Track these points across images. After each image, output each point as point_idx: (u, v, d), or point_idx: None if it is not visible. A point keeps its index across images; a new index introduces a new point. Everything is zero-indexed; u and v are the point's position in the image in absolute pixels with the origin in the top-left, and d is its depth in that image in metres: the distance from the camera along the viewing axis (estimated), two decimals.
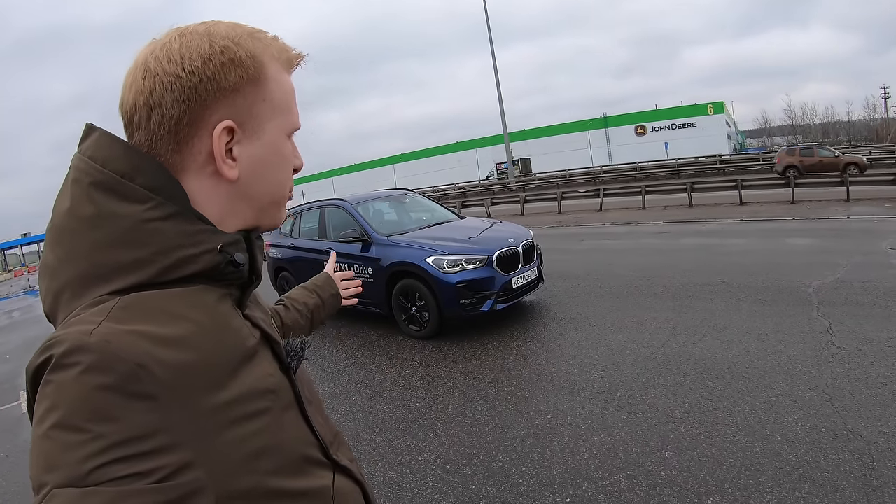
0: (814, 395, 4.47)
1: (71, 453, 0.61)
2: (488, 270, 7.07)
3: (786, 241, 11.49)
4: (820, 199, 18.02)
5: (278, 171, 0.92)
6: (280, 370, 0.92)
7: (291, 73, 0.94)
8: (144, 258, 0.78)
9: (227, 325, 0.84)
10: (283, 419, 0.86)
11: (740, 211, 17.43)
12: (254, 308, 0.97)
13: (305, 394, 0.98)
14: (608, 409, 4.70)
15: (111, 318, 0.70)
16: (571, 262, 11.34)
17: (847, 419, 4.06)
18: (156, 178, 0.80)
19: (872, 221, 13.20)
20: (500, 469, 4.05)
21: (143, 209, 0.78)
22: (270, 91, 0.87)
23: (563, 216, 22.76)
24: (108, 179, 0.79)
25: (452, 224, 8.80)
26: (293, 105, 0.93)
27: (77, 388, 0.63)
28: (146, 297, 0.76)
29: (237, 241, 0.87)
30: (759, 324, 6.31)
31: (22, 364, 9.88)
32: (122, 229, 0.77)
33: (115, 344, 0.67)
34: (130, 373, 0.65)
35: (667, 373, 5.28)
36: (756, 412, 4.33)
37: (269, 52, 0.88)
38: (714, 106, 61.74)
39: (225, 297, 0.87)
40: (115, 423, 0.63)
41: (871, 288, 7.21)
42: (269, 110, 0.88)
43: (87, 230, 0.78)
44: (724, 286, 8.13)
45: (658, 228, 15.83)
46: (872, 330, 5.72)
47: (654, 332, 6.50)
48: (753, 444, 3.90)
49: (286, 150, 0.92)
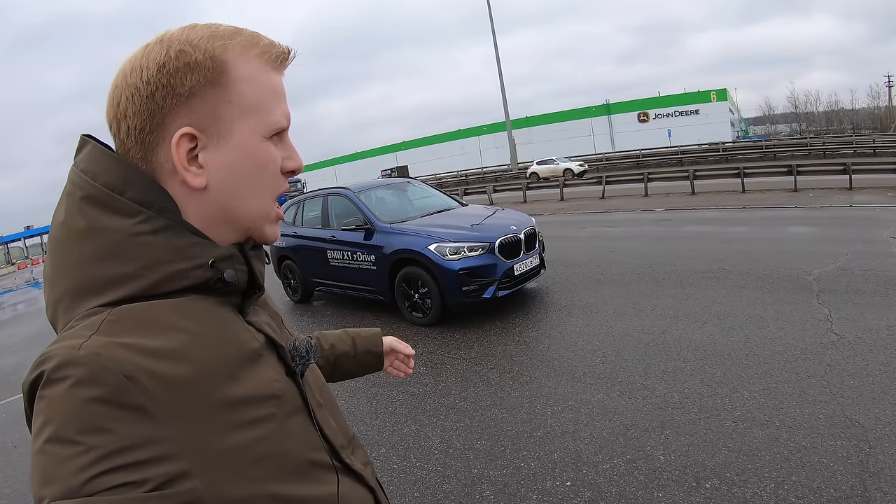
0: (812, 382, 4.51)
1: (65, 466, 0.61)
2: (490, 257, 7.10)
3: (788, 229, 11.49)
4: (823, 188, 17.92)
5: (254, 177, 0.87)
6: (286, 374, 0.91)
7: (280, 70, 0.91)
8: (133, 272, 0.78)
9: (224, 331, 0.83)
10: (288, 425, 0.86)
11: (743, 199, 17.38)
12: (259, 311, 0.96)
13: (316, 397, 0.98)
14: (609, 395, 4.74)
15: (101, 331, 0.71)
16: (573, 249, 11.36)
17: (845, 406, 4.10)
18: (146, 191, 0.80)
19: (875, 210, 13.15)
20: (501, 453, 4.10)
21: (132, 223, 0.78)
22: (238, 92, 0.83)
23: (565, 203, 22.76)
24: (98, 193, 0.79)
25: (454, 211, 8.83)
26: (273, 104, 0.88)
27: (68, 401, 0.64)
28: (137, 309, 0.76)
29: (231, 256, 0.85)
30: (759, 311, 6.33)
31: (29, 356, 9.96)
32: (112, 243, 0.78)
33: (105, 356, 0.67)
34: (120, 384, 0.66)
35: (667, 359, 5.32)
36: (755, 398, 4.37)
37: (239, 50, 0.84)
38: (717, 93, 61.53)
39: (223, 304, 0.86)
40: (107, 434, 0.63)
41: (871, 276, 7.22)
42: (238, 112, 0.83)
43: (79, 243, 0.79)
44: (726, 273, 8.14)
45: (660, 216, 15.80)
46: (872, 318, 5.74)
47: (656, 318, 6.53)
48: (752, 430, 3.94)
49: (263, 152, 0.87)
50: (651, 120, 63.66)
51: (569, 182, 26.40)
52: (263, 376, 0.85)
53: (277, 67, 0.89)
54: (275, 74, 0.89)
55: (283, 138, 0.91)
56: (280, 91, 0.89)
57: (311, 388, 0.98)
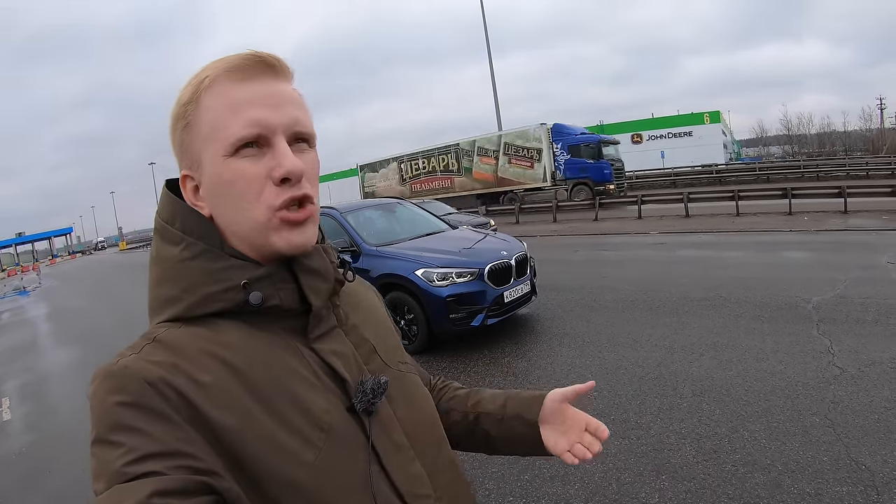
0: (815, 421, 4.30)
1: (104, 462, 0.70)
2: (479, 284, 6.91)
3: (784, 254, 11.38)
4: (818, 211, 17.90)
5: (227, 198, 0.87)
6: (347, 410, 0.89)
7: (251, 76, 0.87)
8: (178, 295, 0.86)
9: (264, 356, 0.85)
10: (335, 463, 0.83)
11: (737, 222, 17.34)
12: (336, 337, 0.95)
13: (394, 438, 0.93)
14: None
15: (143, 352, 0.80)
16: (566, 275, 11.20)
17: (850, 447, 3.89)
18: (187, 221, 0.89)
19: (871, 234, 13.11)
20: (485, 498, 3.88)
21: (178, 250, 0.88)
22: (199, 124, 0.87)
23: (558, 225, 22.67)
24: (159, 226, 0.92)
25: (444, 235, 8.65)
26: (229, 119, 0.85)
27: (101, 408, 0.74)
28: (178, 334, 0.83)
29: (268, 276, 0.88)
30: (757, 342, 6.15)
31: (5, 371, 9.81)
32: (166, 268, 0.88)
33: (132, 368, 0.76)
34: (142, 389, 0.74)
35: (663, 395, 5.10)
36: (756, 439, 4.15)
37: (206, 83, 0.86)
38: (711, 115, 61.91)
39: (273, 329, 0.88)
40: (134, 432, 0.71)
41: (872, 304, 7.07)
42: (201, 142, 0.87)
43: (151, 269, 0.91)
44: (722, 301, 7.98)
45: (654, 239, 15.71)
46: (875, 350, 5.56)
47: (651, 349, 6.33)
48: (753, 475, 3.72)
49: (228, 171, 0.85)
50: (645, 141, 63.89)
51: (562, 204, 26.32)
52: (311, 407, 0.85)
53: (241, 79, 0.87)
54: (237, 88, 0.86)
55: (272, 146, 0.87)
56: (238, 102, 0.85)
57: (388, 428, 0.93)
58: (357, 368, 0.93)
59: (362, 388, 0.90)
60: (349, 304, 1.03)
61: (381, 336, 1.06)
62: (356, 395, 0.89)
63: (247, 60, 0.87)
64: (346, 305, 1.01)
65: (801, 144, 78.08)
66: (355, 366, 0.93)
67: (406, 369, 1.06)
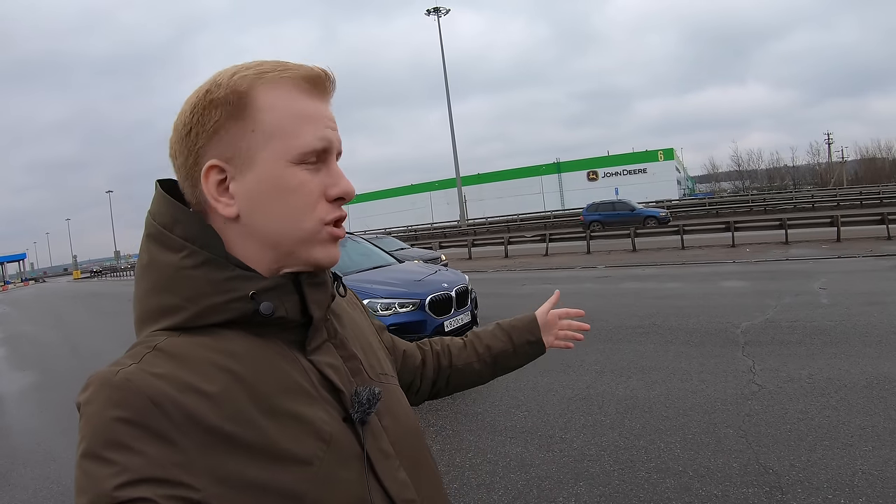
0: (730, 432, 4.54)
1: (93, 478, 0.67)
2: (420, 314, 7.08)
3: (722, 284, 11.80)
4: (760, 242, 18.58)
5: (281, 203, 0.85)
6: (343, 420, 0.89)
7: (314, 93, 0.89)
8: (179, 304, 0.82)
9: (268, 368, 0.84)
10: (335, 472, 0.84)
11: (682, 255, 17.84)
12: (328, 350, 0.95)
13: (383, 447, 0.93)
14: (527, 448, 4.71)
15: (142, 362, 0.76)
16: (509, 307, 11.34)
17: (760, 454, 4.13)
18: (190, 227, 0.84)
19: (808, 263, 13.64)
20: None
21: (179, 258, 0.83)
22: (260, 121, 0.84)
23: (509, 260, 23.04)
24: (156, 232, 0.86)
25: (390, 268, 8.83)
26: (300, 127, 0.86)
27: (97, 420, 0.70)
28: (180, 343, 0.80)
29: (274, 287, 0.86)
30: (684, 364, 6.41)
31: None
32: (163, 277, 0.84)
33: (135, 382, 0.72)
34: (145, 408, 0.70)
35: (588, 413, 5.31)
36: (671, 449, 4.38)
37: (262, 81, 0.85)
38: (664, 153, 63.27)
39: (274, 341, 0.87)
40: (129, 451, 0.68)
41: (798, 327, 7.42)
42: (261, 140, 0.84)
43: (143, 276, 0.87)
44: (656, 328, 8.27)
45: (600, 273, 16.07)
46: (794, 368, 5.86)
47: (581, 373, 6.54)
48: (664, 480, 3.94)
49: (289, 177, 0.85)
50: (600, 178, 64.97)
51: (514, 239, 26.65)
52: (313, 418, 0.84)
53: (308, 91, 0.88)
54: (305, 99, 0.88)
55: (327, 164, 0.90)
56: (311, 114, 0.87)
57: (377, 437, 0.93)
58: (347, 380, 0.94)
59: (358, 399, 0.91)
60: (336, 318, 1.02)
61: (365, 349, 1.06)
62: (353, 406, 0.90)
63: (321, 76, 0.89)
64: (334, 319, 1.01)
65: (752, 179, 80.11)
66: (346, 377, 0.94)
67: (387, 381, 1.07)
